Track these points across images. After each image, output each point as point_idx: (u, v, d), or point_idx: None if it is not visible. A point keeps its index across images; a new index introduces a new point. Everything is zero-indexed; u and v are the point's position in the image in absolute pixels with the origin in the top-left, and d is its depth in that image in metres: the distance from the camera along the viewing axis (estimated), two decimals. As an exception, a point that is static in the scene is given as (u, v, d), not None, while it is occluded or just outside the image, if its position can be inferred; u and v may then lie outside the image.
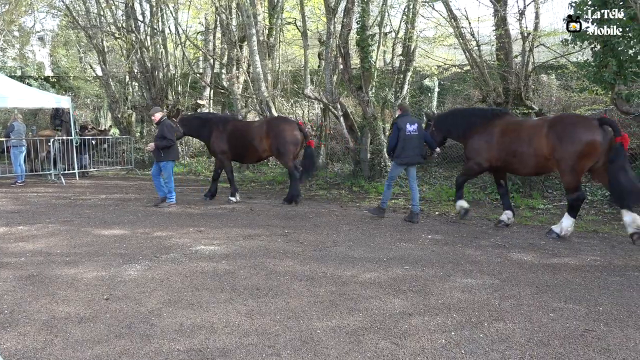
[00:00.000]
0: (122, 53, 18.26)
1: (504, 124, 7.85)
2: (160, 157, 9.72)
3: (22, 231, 7.62)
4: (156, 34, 17.26)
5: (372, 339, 3.94)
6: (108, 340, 3.92)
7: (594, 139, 6.77)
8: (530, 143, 7.31)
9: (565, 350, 3.75)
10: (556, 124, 7.16)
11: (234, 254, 6.35)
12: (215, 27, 17.69)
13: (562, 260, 6.12)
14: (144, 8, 18.00)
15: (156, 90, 17.32)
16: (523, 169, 7.69)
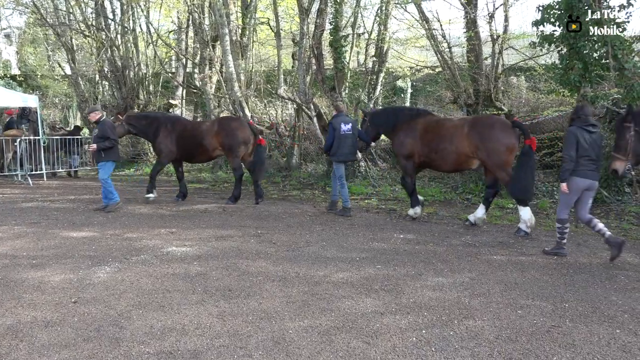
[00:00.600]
0: (92, 51, 17.94)
1: (426, 122, 8.35)
2: (101, 158, 9.22)
3: (-13, 234, 7.41)
4: (127, 32, 17.01)
5: (344, 339, 3.96)
6: (76, 344, 3.84)
7: (513, 141, 7.45)
8: (451, 141, 7.81)
9: (532, 346, 3.84)
10: (477, 125, 7.71)
11: (206, 255, 6.30)
12: (188, 26, 17.53)
13: (530, 258, 6.26)
14: (115, 6, 17.76)
15: (127, 89, 17.06)
16: (444, 164, 8.15)
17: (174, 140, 10.18)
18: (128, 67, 17.05)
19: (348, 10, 13.78)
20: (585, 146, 6.04)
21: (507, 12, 11.21)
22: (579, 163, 6.07)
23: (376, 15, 13.47)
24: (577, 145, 6.04)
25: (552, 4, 8.68)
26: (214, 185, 12.83)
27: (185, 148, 10.21)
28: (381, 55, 13.07)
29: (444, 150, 7.94)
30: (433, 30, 11.33)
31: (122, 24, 17.00)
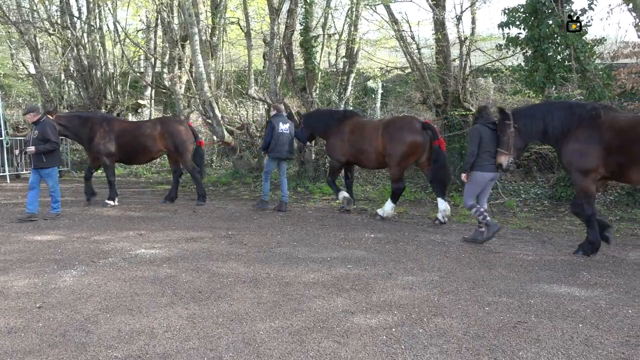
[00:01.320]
0: (57, 50, 17.50)
1: (352, 124, 9.05)
2: (42, 162, 8.37)
3: (-54, 238, 7.17)
4: (93, 31, 16.66)
5: (315, 339, 3.97)
6: (40, 350, 3.75)
7: (415, 139, 8.21)
8: (371, 141, 8.57)
9: (499, 342, 3.92)
10: (389, 125, 8.49)
11: (176, 257, 6.23)
12: (157, 25, 17.28)
13: (497, 255, 6.39)
14: (80, 4, 17.36)
15: (94, 89, 16.72)
16: (369, 163, 8.94)
17: (112, 140, 9.78)
18: (95, 67, 16.71)
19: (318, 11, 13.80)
20: (488, 142, 6.73)
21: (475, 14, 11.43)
22: (482, 158, 6.74)
23: (346, 16, 13.53)
24: (480, 141, 6.73)
25: (517, 7, 8.89)
26: (184, 186, 12.68)
27: (127, 149, 9.88)
28: (352, 56, 13.14)
29: (366, 151, 8.64)
30: (402, 32, 11.45)
31: (89, 22, 16.64)
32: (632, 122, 5.94)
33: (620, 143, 5.87)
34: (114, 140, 9.81)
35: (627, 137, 5.84)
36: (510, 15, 8.95)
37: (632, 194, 9.31)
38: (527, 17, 8.76)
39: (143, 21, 19.38)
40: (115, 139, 9.81)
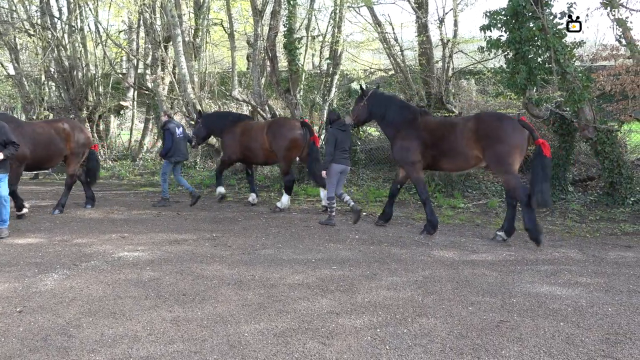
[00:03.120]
0: (37, 51, 17.22)
1: (243, 125, 10.09)
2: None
3: None
4: (74, 31, 16.46)
5: (300, 340, 3.98)
6: (21, 355, 3.70)
7: (295, 136, 9.35)
8: (257, 140, 9.65)
9: (482, 341, 3.96)
10: (272, 125, 9.69)
11: (160, 259, 6.18)
12: (139, 26, 17.12)
13: (480, 256, 6.45)
14: (61, 4, 17.16)
15: (75, 90, 16.51)
16: (257, 159, 10.03)
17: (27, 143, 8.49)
18: (76, 68, 16.50)
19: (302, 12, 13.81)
20: (340, 142, 8.13)
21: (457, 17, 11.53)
22: (336, 154, 8.10)
23: (330, 18, 13.56)
24: (336, 142, 8.08)
25: (499, 10, 8.98)
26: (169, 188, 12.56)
27: (40, 151, 8.85)
28: (335, 58, 13.17)
29: (255, 149, 9.73)
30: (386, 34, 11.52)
31: (69, 22, 16.42)
32: (439, 124, 7.66)
33: (432, 140, 7.46)
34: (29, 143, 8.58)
35: (436, 135, 7.44)
36: (491, 18, 9.04)
37: (611, 194, 9.47)
38: (509, 20, 8.86)
39: (125, 22, 19.20)
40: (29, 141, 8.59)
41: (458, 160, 7.37)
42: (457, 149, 7.25)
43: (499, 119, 7.19)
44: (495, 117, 7.35)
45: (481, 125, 7.09)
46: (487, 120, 7.15)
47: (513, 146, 6.85)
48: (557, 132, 10.33)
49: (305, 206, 10.10)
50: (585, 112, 9.17)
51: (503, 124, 6.98)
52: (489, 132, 6.97)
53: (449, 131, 7.37)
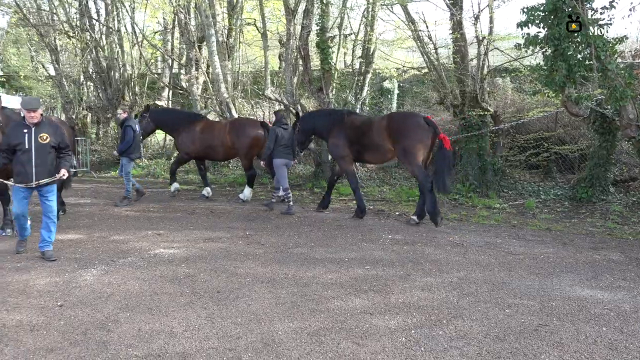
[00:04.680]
0: (76, 52, 17.71)
1: (202, 124, 10.64)
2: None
3: (-30, 237, 7.29)
4: (112, 33, 16.83)
5: (333, 340, 3.96)
6: (62, 348, 3.79)
7: (257, 134, 10.18)
8: (219, 138, 10.27)
9: (520, 345, 3.87)
10: (235, 124, 10.40)
11: (194, 256, 6.26)
12: (174, 26, 17.38)
13: (516, 257, 6.31)
14: (99, 6, 17.56)
15: (112, 90, 16.90)
16: (217, 156, 10.77)
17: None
18: (113, 68, 16.88)
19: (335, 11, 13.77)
20: (281, 139, 9.01)
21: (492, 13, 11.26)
22: (278, 150, 9.01)
23: (362, 16, 13.48)
24: (277, 138, 8.97)
25: (537, 6, 8.74)
26: (201, 187, 12.73)
27: None
28: (368, 56, 13.09)
29: (216, 146, 10.32)
30: (419, 32, 11.36)
31: (107, 24, 16.82)
32: (362, 122, 8.69)
33: (355, 136, 8.47)
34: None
35: (358, 132, 8.47)
36: (529, 14, 8.80)
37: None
38: (547, 16, 8.61)
39: (160, 23, 19.52)
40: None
41: (377, 154, 8.48)
42: (375, 143, 8.30)
43: (405, 117, 8.54)
44: (403, 115, 8.81)
45: (391, 123, 8.20)
46: (396, 119, 8.39)
47: (417, 141, 7.90)
48: (597, 131, 10.02)
49: (337, 205, 10.07)
50: (628, 110, 8.84)
51: (408, 122, 8.12)
52: (397, 129, 8.05)
53: (368, 129, 8.42)
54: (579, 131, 11.54)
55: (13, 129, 5.99)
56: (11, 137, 5.92)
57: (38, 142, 5.91)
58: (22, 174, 5.90)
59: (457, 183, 11.16)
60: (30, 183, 5.90)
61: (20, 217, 6.16)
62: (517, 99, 12.83)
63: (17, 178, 5.96)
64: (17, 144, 5.87)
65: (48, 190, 6.10)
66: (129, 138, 9.71)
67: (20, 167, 5.92)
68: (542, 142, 11.52)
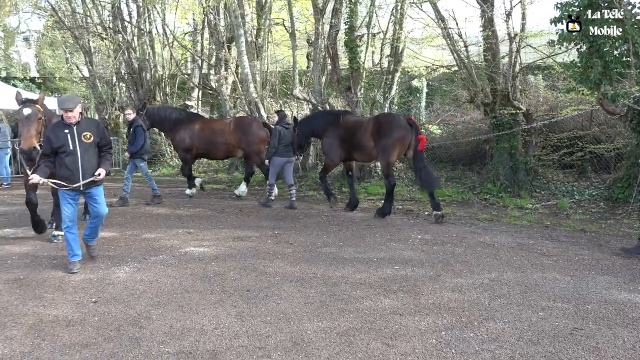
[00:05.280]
0: (109, 54, 18.10)
1: (200, 122, 10.87)
2: None
3: (9, 234, 7.52)
4: (143, 34, 17.15)
5: (363, 340, 3.94)
6: (96, 343, 3.87)
7: (262, 134, 10.50)
8: (222, 136, 10.52)
9: (555, 348, 3.78)
10: (239, 123, 10.66)
11: (224, 255, 6.31)
12: (203, 27, 17.62)
13: (550, 259, 6.17)
14: (131, 8, 17.88)
15: (144, 91, 17.20)
16: (218, 154, 10.95)
17: None
18: (145, 69, 17.19)
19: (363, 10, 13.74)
20: (283, 138, 9.43)
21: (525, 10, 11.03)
22: (280, 149, 9.44)
23: (391, 15, 13.39)
24: (279, 137, 9.38)
25: (571, 2, 8.54)
26: (231, 185, 12.86)
27: None
28: (396, 55, 13.00)
29: (217, 144, 10.54)
30: (449, 29, 11.21)
31: (139, 26, 17.14)
32: (354, 122, 9.14)
33: (348, 135, 8.96)
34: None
35: (350, 132, 8.94)
36: (563, 10, 8.60)
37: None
38: (582, 11, 8.40)
39: (190, 24, 19.80)
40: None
41: (364, 153, 8.93)
42: (362, 143, 8.82)
43: (388, 117, 8.92)
44: (387, 116, 9.15)
45: (376, 123, 8.69)
46: (380, 119, 8.83)
47: (395, 139, 8.37)
48: (635, 129, 9.70)
49: (366, 204, 10.03)
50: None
51: (389, 122, 8.57)
52: (379, 128, 8.53)
53: (358, 129, 8.91)
54: (615, 130, 11.20)
55: (53, 131, 5.59)
56: (52, 139, 5.52)
57: (82, 142, 5.58)
58: (69, 177, 5.52)
59: (488, 183, 10.99)
60: (75, 184, 5.52)
61: (72, 225, 5.64)
62: (550, 97, 12.55)
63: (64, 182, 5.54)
64: (60, 146, 5.51)
65: (97, 192, 5.75)
66: (140, 139, 9.70)
67: (65, 171, 5.53)
68: (576, 141, 11.23)
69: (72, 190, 5.56)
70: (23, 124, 6.06)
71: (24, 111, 6.05)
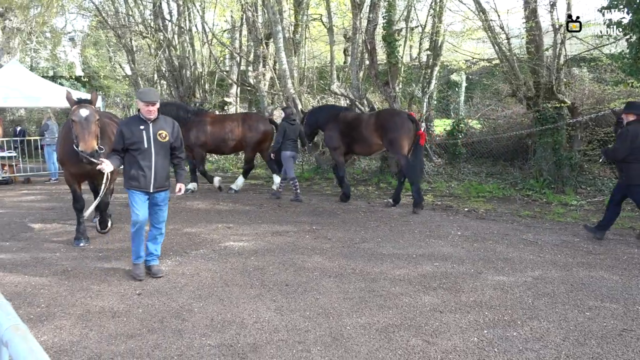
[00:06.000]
0: (150, 52, 18.50)
1: (210, 118, 11.12)
2: None
3: (57, 227, 7.80)
4: (183, 32, 17.44)
5: (402, 336, 3.91)
6: (141, 334, 3.97)
7: (267, 129, 11.03)
8: (232, 132, 10.91)
9: (603, 350, 3.65)
10: (247, 119, 11.14)
11: (263, 250, 6.37)
12: (242, 24, 17.78)
13: (597, 257, 5.96)
14: (171, 7, 18.21)
15: (184, 88, 17.51)
16: (227, 149, 11.31)
17: None
18: (185, 67, 17.49)
19: (401, 4, 13.55)
20: (289, 133, 9.82)
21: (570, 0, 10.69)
22: (286, 144, 9.81)
23: (430, 8, 13.20)
24: (285, 133, 9.78)
25: (621, -10, 8.20)
26: (269, 181, 12.96)
27: None
28: (435, 49, 12.81)
29: (228, 140, 10.92)
30: (490, 22, 10.95)
31: (179, 24, 17.44)
32: (353, 118, 9.61)
33: (347, 130, 9.43)
34: None
35: (350, 126, 9.42)
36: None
37: None
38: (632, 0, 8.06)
39: (228, 21, 20.02)
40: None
41: (365, 146, 9.38)
42: (363, 137, 9.23)
43: (391, 114, 9.26)
44: (390, 112, 9.52)
45: (379, 119, 9.11)
46: (384, 115, 9.26)
47: (402, 134, 8.75)
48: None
49: (404, 201, 9.93)
50: None
51: (394, 118, 8.93)
52: (384, 124, 8.93)
53: (358, 124, 9.35)
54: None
55: (128, 125, 5.16)
56: (126, 134, 5.08)
57: (157, 141, 5.13)
58: (139, 179, 5.11)
59: (530, 179, 10.71)
60: (145, 186, 5.15)
61: (141, 226, 5.29)
62: (596, 89, 12.10)
63: (132, 183, 5.14)
64: (134, 142, 5.07)
65: (163, 197, 5.37)
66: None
67: (137, 171, 5.10)
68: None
69: (142, 190, 5.16)
70: (82, 126, 5.82)
71: (82, 112, 5.85)
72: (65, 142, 6.36)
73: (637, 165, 6.26)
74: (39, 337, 3.91)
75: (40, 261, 5.93)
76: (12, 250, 6.40)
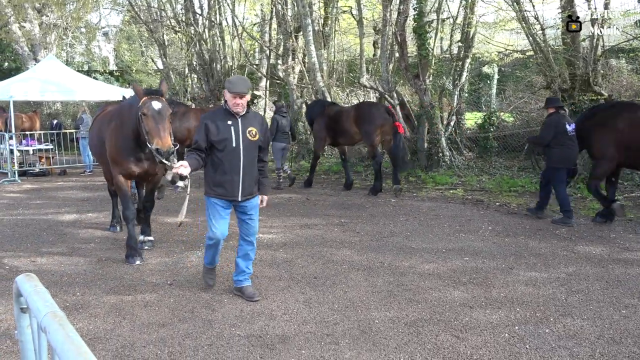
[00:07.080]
0: (182, 46, 18.75)
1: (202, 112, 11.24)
2: None
3: (92, 218, 8.00)
4: (214, 26, 17.60)
5: (431, 331, 3.88)
6: (172, 324, 4.05)
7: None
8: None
9: (639, 349, 3.55)
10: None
11: (292, 242, 6.41)
12: (271, 18, 17.82)
13: (634, 254, 5.80)
14: (202, 1, 18.39)
15: (214, 82, 17.68)
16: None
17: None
18: (215, 60, 17.66)
19: (432, -5, 13.35)
20: (282, 126, 10.42)
21: (608, -12, 10.37)
22: (278, 135, 10.32)
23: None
24: (278, 125, 10.33)
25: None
26: (297, 174, 12.99)
27: None
28: (467, 40, 12.59)
29: None
30: (524, 12, 10.71)
31: (209, 18, 17.61)
32: (337, 111, 10.33)
33: (332, 123, 10.14)
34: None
35: (334, 119, 10.13)
36: (653, -13, 8.00)
37: None
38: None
39: (258, 15, 20.12)
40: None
41: (347, 137, 10.08)
42: (345, 129, 9.93)
43: (369, 106, 10.12)
44: (367, 105, 10.36)
45: (357, 111, 9.84)
46: (362, 107, 10.03)
47: (376, 126, 9.46)
48: None
49: (433, 194, 9.84)
50: None
51: (371, 110, 9.71)
52: (362, 116, 9.65)
53: (340, 117, 10.06)
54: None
55: (212, 119, 4.33)
56: (212, 130, 4.27)
57: (247, 140, 4.33)
58: (225, 184, 4.33)
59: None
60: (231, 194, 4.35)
61: (218, 242, 4.60)
62: (635, 81, 11.72)
63: (217, 190, 4.36)
64: (221, 140, 4.26)
65: (253, 206, 4.55)
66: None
67: (222, 176, 4.32)
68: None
69: (227, 199, 4.40)
70: (156, 120, 5.14)
71: (154, 105, 5.19)
72: (119, 137, 5.62)
73: (557, 150, 7.20)
74: (75, 324, 4.02)
75: (76, 251, 6.09)
76: (49, 241, 6.60)
